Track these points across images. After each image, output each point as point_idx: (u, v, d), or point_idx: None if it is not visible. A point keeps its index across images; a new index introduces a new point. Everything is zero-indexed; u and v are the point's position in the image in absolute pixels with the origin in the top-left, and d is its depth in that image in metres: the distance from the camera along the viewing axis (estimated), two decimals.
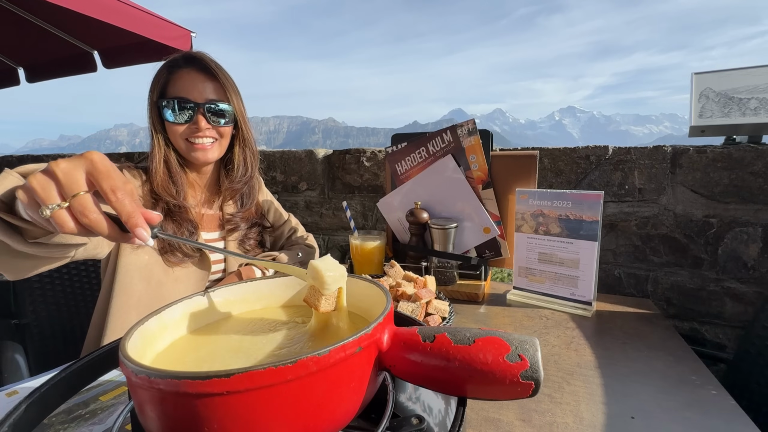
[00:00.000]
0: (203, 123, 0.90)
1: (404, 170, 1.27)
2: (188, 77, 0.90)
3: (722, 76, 1.33)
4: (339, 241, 1.96)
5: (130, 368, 0.31)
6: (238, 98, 0.96)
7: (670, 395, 0.65)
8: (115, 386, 0.66)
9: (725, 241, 1.32)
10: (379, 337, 0.37)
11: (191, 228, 0.93)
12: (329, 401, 0.33)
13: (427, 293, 0.84)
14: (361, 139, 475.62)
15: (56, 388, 0.41)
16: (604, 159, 1.44)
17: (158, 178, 0.91)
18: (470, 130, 1.16)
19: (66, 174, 0.41)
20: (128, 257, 0.87)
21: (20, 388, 0.66)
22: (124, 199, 0.42)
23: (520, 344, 0.35)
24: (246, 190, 1.06)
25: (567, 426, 0.58)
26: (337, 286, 0.45)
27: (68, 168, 0.41)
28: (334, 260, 0.46)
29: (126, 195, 0.42)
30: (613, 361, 0.76)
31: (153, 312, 0.43)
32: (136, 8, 2.15)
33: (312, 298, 0.45)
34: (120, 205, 0.42)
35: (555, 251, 1.01)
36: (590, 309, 0.97)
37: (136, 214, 0.42)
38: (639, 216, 1.42)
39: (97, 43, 2.76)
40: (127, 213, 0.42)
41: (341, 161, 1.88)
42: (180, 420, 0.31)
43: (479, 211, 1.18)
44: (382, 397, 0.38)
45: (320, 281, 0.44)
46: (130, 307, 0.86)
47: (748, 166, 1.27)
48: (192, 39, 2.49)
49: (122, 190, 0.42)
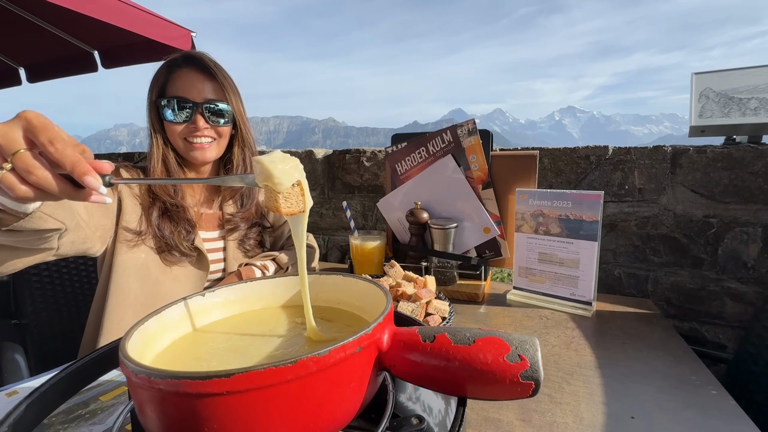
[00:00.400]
0: (201, 122, 0.90)
1: (404, 170, 1.27)
2: (187, 77, 0.90)
3: (722, 76, 1.33)
4: (339, 241, 1.96)
5: (130, 368, 0.31)
6: (237, 98, 0.96)
7: (670, 395, 0.65)
8: (115, 386, 0.66)
9: (725, 241, 1.32)
10: (379, 337, 0.37)
11: (188, 227, 0.93)
12: (329, 401, 0.33)
13: (427, 293, 0.84)
14: (361, 139, 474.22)
15: (56, 388, 0.41)
16: (604, 159, 1.44)
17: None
18: (470, 130, 1.16)
19: (2, 136, 0.40)
20: (124, 255, 0.87)
21: (20, 388, 0.66)
22: (65, 149, 0.40)
23: (520, 344, 0.35)
24: (246, 190, 1.07)
25: (567, 426, 0.58)
26: (291, 180, 0.41)
27: (3, 130, 0.40)
28: (283, 153, 0.42)
29: (66, 145, 0.40)
30: (613, 361, 0.76)
31: (153, 312, 0.43)
32: (136, 8, 2.15)
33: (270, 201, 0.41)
34: (61, 156, 0.40)
35: (555, 251, 1.01)
36: (590, 309, 0.97)
37: (81, 161, 0.40)
38: (639, 216, 1.42)
39: (97, 42, 2.76)
40: (70, 162, 0.40)
41: (341, 161, 1.88)
42: (180, 420, 0.31)
43: (479, 211, 1.18)
44: (382, 397, 0.38)
45: (269, 177, 0.40)
46: (126, 306, 0.86)
47: (748, 166, 1.27)
48: (192, 39, 2.49)
49: (61, 141, 0.40)
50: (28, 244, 0.60)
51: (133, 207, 0.90)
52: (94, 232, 0.79)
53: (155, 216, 0.90)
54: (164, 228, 0.91)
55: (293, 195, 0.41)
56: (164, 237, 0.90)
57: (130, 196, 0.90)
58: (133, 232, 0.88)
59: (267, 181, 0.40)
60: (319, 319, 0.50)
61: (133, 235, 0.88)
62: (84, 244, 0.77)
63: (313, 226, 1.98)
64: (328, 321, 0.50)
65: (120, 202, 0.88)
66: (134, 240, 0.88)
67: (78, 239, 0.74)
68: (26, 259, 0.65)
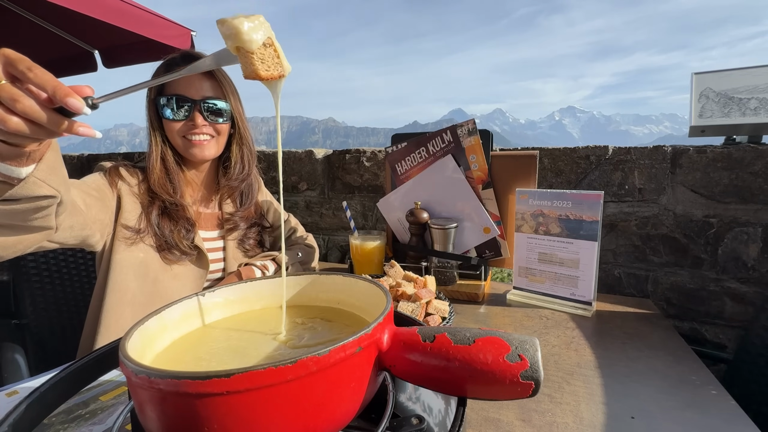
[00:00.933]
0: (200, 120, 0.91)
1: (404, 170, 1.27)
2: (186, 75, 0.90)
3: (722, 76, 1.33)
4: (339, 241, 1.96)
5: (130, 368, 0.31)
6: (235, 97, 0.96)
7: (670, 395, 0.65)
8: (115, 386, 0.66)
9: (725, 241, 1.32)
10: (379, 337, 0.37)
11: (188, 226, 0.94)
12: (329, 401, 0.33)
13: (427, 293, 0.84)
14: (361, 139, 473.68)
15: (56, 388, 0.41)
16: (604, 159, 1.44)
17: (155, 176, 0.91)
18: (470, 130, 1.16)
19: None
20: (122, 254, 0.87)
21: (20, 388, 0.66)
22: (44, 75, 0.41)
23: (520, 344, 0.35)
24: (245, 189, 1.07)
25: (567, 426, 0.58)
26: (261, 34, 0.40)
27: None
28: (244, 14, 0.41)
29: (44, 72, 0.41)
30: (613, 361, 0.76)
31: (153, 312, 0.43)
32: (136, 7, 2.15)
33: (246, 66, 0.40)
34: (41, 80, 0.41)
35: (555, 251, 1.01)
36: (590, 309, 0.97)
37: (61, 84, 0.41)
38: (639, 216, 1.42)
39: (97, 42, 2.76)
40: (51, 86, 0.40)
41: (341, 161, 1.88)
42: (180, 420, 0.31)
43: (479, 211, 1.18)
44: (382, 397, 0.38)
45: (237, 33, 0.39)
46: (124, 304, 0.86)
47: (748, 166, 1.27)
48: (192, 38, 2.49)
49: (38, 68, 0.41)
50: (24, 219, 0.58)
51: (133, 205, 0.90)
52: (93, 222, 0.80)
53: (155, 215, 0.91)
54: (164, 226, 0.91)
55: (268, 57, 0.41)
56: (164, 235, 0.91)
57: (130, 194, 0.90)
58: (132, 230, 0.88)
59: (237, 41, 0.39)
60: (319, 319, 0.50)
61: (132, 233, 0.88)
62: (83, 231, 0.77)
63: (313, 226, 1.98)
64: (328, 321, 0.50)
65: (119, 199, 0.89)
66: (133, 238, 0.88)
67: (76, 224, 0.74)
68: (24, 239, 0.63)
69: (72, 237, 0.75)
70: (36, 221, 0.60)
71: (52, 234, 0.66)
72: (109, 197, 0.87)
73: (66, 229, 0.71)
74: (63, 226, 0.69)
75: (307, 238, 1.22)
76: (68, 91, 0.41)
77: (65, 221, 0.69)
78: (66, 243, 0.74)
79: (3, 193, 0.52)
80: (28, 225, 0.60)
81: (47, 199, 0.57)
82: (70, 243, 0.76)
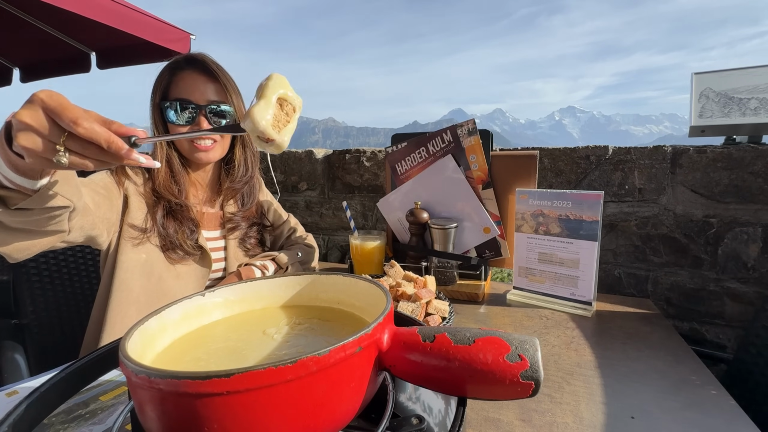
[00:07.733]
0: (205, 124, 0.91)
1: (404, 170, 1.27)
2: (190, 79, 0.91)
3: (722, 76, 1.33)
4: (339, 241, 1.96)
5: (130, 368, 0.31)
6: (239, 99, 0.97)
7: (670, 395, 0.65)
8: (115, 386, 0.66)
9: (725, 241, 1.32)
10: (379, 337, 0.37)
11: (192, 226, 0.95)
12: (329, 401, 0.33)
13: (427, 293, 0.84)
14: (361, 139, 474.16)
15: (56, 388, 0.41)
16: (604, 159, 1.44)
17: (160, 178, 0.92)
18: (470, 130, 1.16)
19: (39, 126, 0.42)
20: (128, 254, 0.87)
21: (20, 388, 0.65)
22: (93, 127, 0.42)
23: (520, 344, 0.35)
24: (247, 189, 1.08)
25: (567, 426, 0.58)
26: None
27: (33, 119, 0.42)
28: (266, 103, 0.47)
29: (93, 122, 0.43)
30: (613, 361, 0.76)
31: (153, 312, 0.43)
32: (135, 11, 2.15)
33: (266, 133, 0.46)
34: (92, 134, 0.42)
35: (555, 251, 1.01)
36: (590, 309, 0.97)
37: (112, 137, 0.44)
38: (639, 216, 1.42)
39: (94, 44, 2.75)
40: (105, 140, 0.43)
41: (341, 161, 1.88)
42: (180, 420, 0.31)
43: (479, 211, 1.18)
44: (382, 397, 0.38)
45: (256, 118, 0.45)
46: (129, 303, 0.87)
47: (748, 166, 1.27)
48: (191, 42, 2.48)
49: (85, 118, 0.42)
50: (39, 225, 0.60)
51: (139, 205, 0.90)
52: (101, 221, 0.81)
53: (160, 215, 0.91)
54: (168, 226, 0.92)
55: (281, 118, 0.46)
56: (168, 235, 0.91)
57: (136, 194, 0.91)
58: (138, 229, 0.89)
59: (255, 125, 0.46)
60: (318, 319, 0.50)
61: (139, 232, 0.89)
62: (93, 230, 0.78)
63: (313, 226, 1.99)
64: (328, 321, 0.50)
65: (126, 199, 0.89)
66: (139, 237, 0.89)
67: (87, 224, 0.75)
68: (39, 243, 0.65)
69: (81, 236, 0.76)
70: (50, 226, 0.62)
71: (65, 236, 0.69)
72: (116, 196, 0.87)
73: (77, 230, 0.72)
74: (75, 227, 0.71)
75: (306, 238, 1.23)
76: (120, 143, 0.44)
77: (77, 223, 0.70)
78: (75, 242, 0.76)
79: (19, 202, 0.53)
80: (43, 230, 0.62)
81: (62, 209, 0.59)
82: (78, 241, 0.77)
